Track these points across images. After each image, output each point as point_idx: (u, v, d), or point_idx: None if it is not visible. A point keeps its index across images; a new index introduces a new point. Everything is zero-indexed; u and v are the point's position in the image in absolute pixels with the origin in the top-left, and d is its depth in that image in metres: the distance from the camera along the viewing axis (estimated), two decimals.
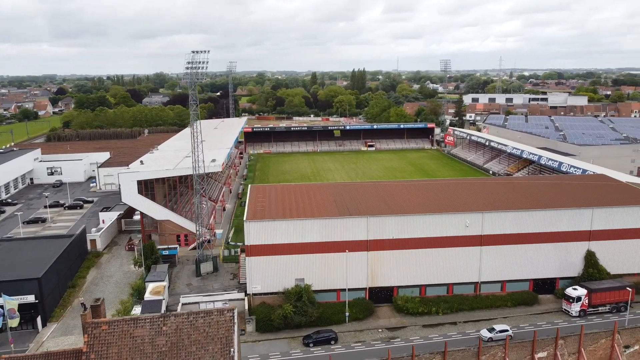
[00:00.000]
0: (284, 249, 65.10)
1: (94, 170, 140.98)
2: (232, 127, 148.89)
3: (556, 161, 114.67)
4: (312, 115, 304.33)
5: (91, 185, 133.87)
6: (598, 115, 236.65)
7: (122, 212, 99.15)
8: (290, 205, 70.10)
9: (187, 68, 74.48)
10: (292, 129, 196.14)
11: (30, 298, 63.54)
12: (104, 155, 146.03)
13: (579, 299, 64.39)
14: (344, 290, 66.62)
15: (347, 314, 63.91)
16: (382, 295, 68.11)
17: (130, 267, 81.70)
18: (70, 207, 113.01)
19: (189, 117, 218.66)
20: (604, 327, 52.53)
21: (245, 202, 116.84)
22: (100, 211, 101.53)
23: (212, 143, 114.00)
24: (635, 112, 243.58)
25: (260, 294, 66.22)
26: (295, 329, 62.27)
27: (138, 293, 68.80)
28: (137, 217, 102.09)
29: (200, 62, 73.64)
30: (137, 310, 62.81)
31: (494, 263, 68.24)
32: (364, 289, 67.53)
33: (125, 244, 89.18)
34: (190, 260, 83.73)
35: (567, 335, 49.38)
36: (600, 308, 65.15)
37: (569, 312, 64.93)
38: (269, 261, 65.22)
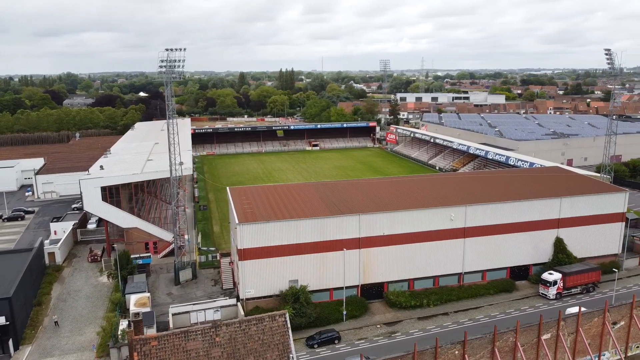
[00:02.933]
0: (278, 251, 63.98)
1: (27, 178, 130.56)
2: (180, 128, 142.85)
3: (503, 155, 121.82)
4: (245, 116, 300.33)
5: (27, 194, 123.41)
6: (519, 113, 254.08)
7: (77, 221, 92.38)
8: (279, 206, 68.94)
9: (161, 67, 70.81)
10: (235, 129, 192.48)
11: (0, 320, 57.54)
12: (38, 162, 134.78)
13: (555, 282, 69.00)
14: (336, 289, 66.74)
15: (344, 312, 64.02)
16: (373, 292, 68.91)
17: (98, 279, 76.44)
18: (10, 219, 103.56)
19: (122, 119, 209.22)
20: (596, 306, 56.68)
21: (204, 205, 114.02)
22: (51, 221, 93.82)
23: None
24: (550, 109, 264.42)
25: (254, 299, 64.61)
26: (295, 330, 61.16)
27: (119, 306, 64.51)
28: (91, 225, 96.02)
29: (176, 61, 70.29)
30: (124, 324, 58.77)
31: (476, 253, 71.33)
32: (356, 286, 67.98)
33: (88, 255, 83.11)
34: (163, 268, 79.86)
35: (567, 316, 52.88)
36: (572, 290, 70.30)
37: (546, 295, 69.41)
38: (263, 264, 63.82)
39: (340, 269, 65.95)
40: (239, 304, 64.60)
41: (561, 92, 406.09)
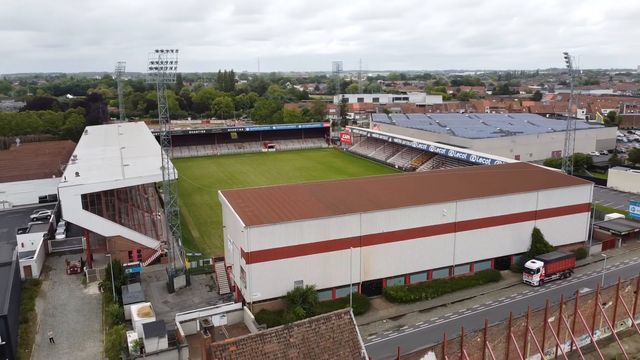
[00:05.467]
0: (284, 252, 64.16)
1: None
2: (138, 132, 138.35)
3: (464, 153, 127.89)
4: (189, 118, 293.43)
5: None
6: (458, 112, 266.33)
7: (47, 232, 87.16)
8: (279, 207, 68.97)
9: (151, 68, 68.75)
10: (189, 132, 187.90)
11: None
12: None
13: (538, 270, 73.99)
14: (338, 287, 67.93)
15: (351, 309, 65.04)
16: (372, 288, 70.69)
17: (83, 291, 72.90)
18: None
19: (63, 124, 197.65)
20: (589, 291, 61.79)
21: (175, 210, 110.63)
22: (17, 233, 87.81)
23: (139, 149, 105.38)
24: (487, 108, 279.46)
25: (259, 302, 64.36)
26: None
27: (119, 318, 62.00)
28: (60, 236, 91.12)
29: (168, 62, 68.51)
30: (132, 336, 56.74)
31: (465, 246, 74.99)
32: (357, 283, 69.46)
33: (67, 267, 78.73)
34: (152, 276, 77.37)
35: (568, 300, 57.40)
36: (552, 276, 75.71)
37: (530, 283, 74.23)
38: (269, 266, 63.75)
39: (343, 267, 67.15)
40: (245, 307, 64.20)
41: (490, 92, 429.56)
